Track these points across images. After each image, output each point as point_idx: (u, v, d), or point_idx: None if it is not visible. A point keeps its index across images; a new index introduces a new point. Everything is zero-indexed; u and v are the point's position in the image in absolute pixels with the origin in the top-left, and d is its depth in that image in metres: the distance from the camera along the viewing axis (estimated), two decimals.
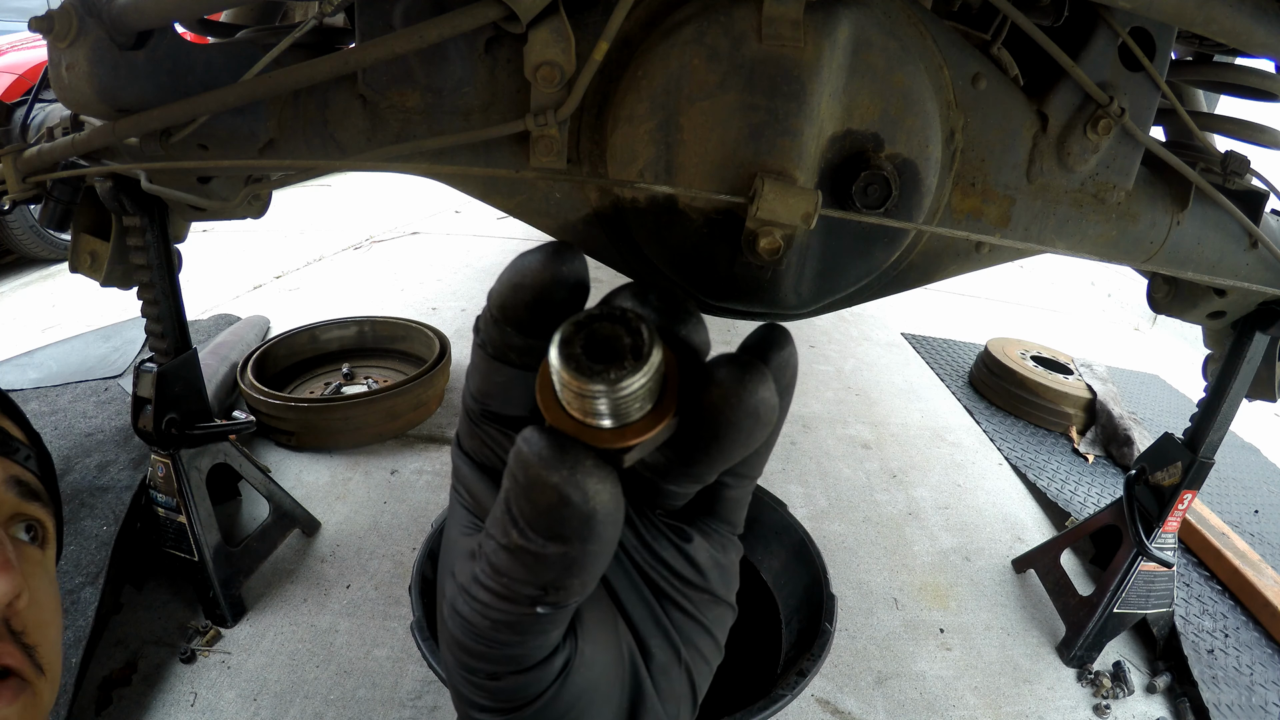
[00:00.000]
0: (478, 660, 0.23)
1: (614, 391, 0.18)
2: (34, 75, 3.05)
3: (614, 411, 0.19)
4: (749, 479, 0.28)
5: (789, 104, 0.74)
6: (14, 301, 2.87)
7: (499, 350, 0.25)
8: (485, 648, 0.22)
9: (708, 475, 0.24)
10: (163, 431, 1.24)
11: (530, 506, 0.19)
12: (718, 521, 0.28)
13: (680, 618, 0.28)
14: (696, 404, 0.21)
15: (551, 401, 0.20)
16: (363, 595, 1.46)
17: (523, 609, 0.21)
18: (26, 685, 0.43)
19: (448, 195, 4.47)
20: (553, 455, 0.19)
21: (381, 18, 0.77)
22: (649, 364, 0.18)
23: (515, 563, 0.20)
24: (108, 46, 0.76)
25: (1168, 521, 1.36)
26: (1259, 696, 1.41)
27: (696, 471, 0.24)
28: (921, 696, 1.35)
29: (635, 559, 0.27)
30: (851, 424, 2.31)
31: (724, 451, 0.22)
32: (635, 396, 0.19)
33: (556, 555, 0.19)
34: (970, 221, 0.89)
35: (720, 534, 0.28)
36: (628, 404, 0.19)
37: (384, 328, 2.29)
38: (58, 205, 1.08)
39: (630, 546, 0.27)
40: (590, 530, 0.19)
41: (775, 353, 0.24)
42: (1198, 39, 1.06)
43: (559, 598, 0.21)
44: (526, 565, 0.20)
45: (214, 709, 1.20)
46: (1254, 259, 1.04)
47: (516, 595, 0.21)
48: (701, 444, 0.22)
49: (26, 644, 0.44)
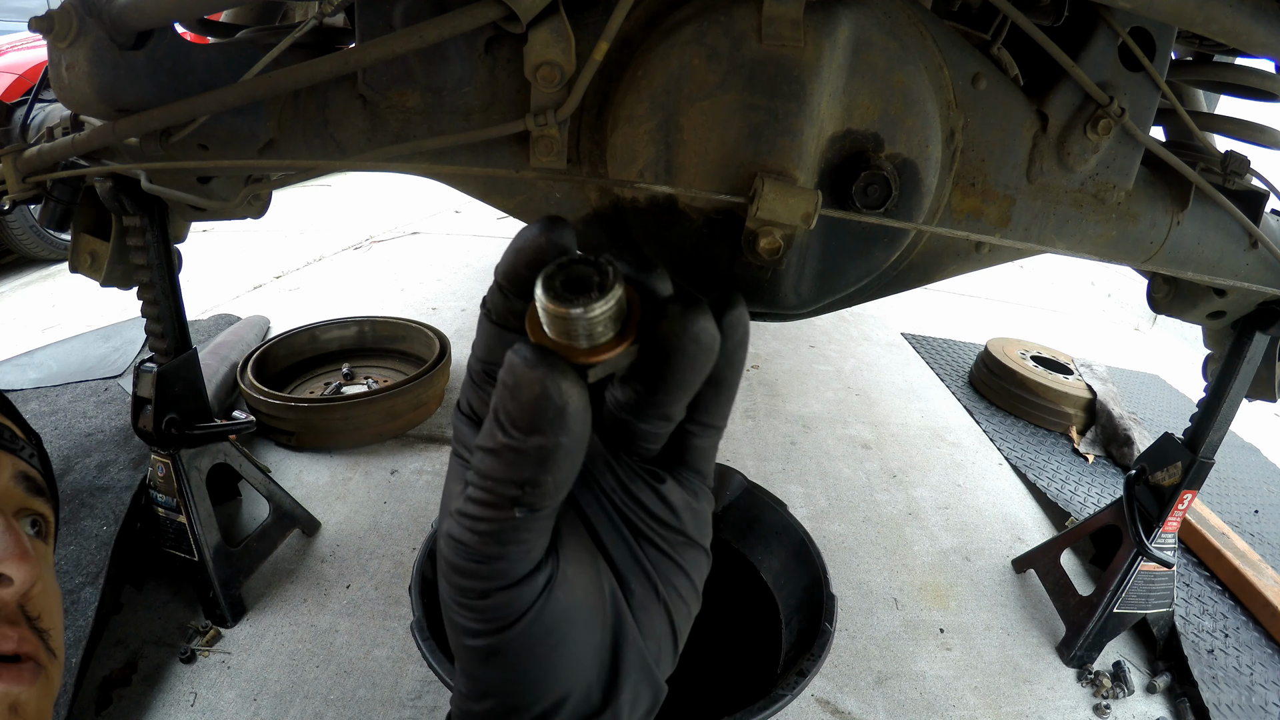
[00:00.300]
0: (468, 578, 0.26)
1: (584, 315, 0.23)
2: (34, 75, 3.05)
3: (585, 333, 0.24)
4: (713, 428, 0.31)
5: (789, 104, 0.74)
6: (14, 301, 2.87)
7: (502, 316, 0.29)
8: (474, 563, 0.25)
9: (669, 404, 0.27)
10: (163, 431, 1.24)
11: (515, 403, 0.23)
12: (689, 470, 0.31)
13: (657, 556, 0.31)
14: (652, 334, 0.25)
15: (537, 328, 0.25)
16: (363, 595, 1.46)
17: (504, 513, 0.24)
18: (41, 669, 0.45)
19: (448, 195, 4.47)
20: (536, 359, 0.23)
21: (381, 18, 0.77)
22: (611, 295, 0.23)
23: (499, 462, 0.24)
24: (108, 46, 0.76)
25: (1168, 521, 1.36)
26: (1259, 696, 1.41)
27: (660, 401, 0.27)
28: (921, 696, 1.35)
29: (614, 500, 0.30)
30: (851, 424, 2.31)
31: (676, 375, 0.26)
32: (600, 321, 0.24)
33: (534, 448, 0.23)
34: (970, 221, 0.89)
35: (692, 482, 0.31)
36: (594, 327, 0.24)
37: (384, 328, 2.29)
38: (58, 205, 1.08)
39: (609, 488, 0.30)
40: (563, 422, 0.23)
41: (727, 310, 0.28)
42: (1198, 39, 1.06)
43: (535, 497, 0.24)
44: (508, 462, 0.24)
45: (214, 709, 1.20)
46: (1254, 259, 1.04)
47: (499, 497, 0.24)
48: (658, 370, 0.26)
49: (40, 629, 0.47)
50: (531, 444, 0.23)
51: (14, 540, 0.45)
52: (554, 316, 0.24)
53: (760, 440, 2.16)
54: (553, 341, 0.24)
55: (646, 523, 0.31)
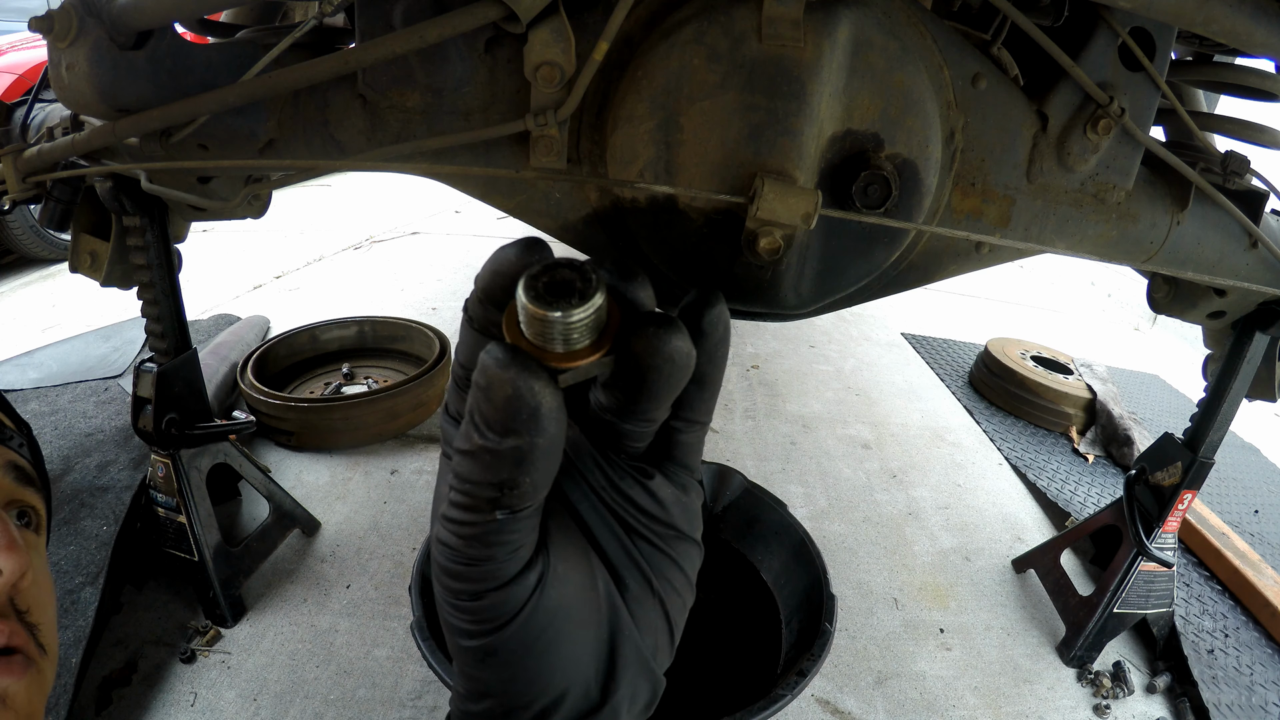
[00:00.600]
0: (459, 581, 0.26)
1: (563, 319, 0.23)
2: (34, 75, 3.05)
3: (562, 338, 0.24)
4: (698, 424, 0.32)
5: (789, 104, 0.74)
6: (14, 301, 2.87)
7: (482, 325, 0.30)
8: (463, 565, 0.26)
9: (650, 411, 0.28)
10: (163, 431, 1.24)
11: (489, 404, 0.23)
12: (676, 465, 0.32)
13: (649, 550, 0.32)
14: (627, 348, 0.26)
15: (514, 327, 0.25)
16: (363, 595, 1.46)
17: (486, 516, 0.25)
18: (32, 663, 0.45)
19: (448, 195, 4.47)
20: (509, 360, 0.23)
21: (381, 18, 0.77)
22: (592, 303, 0.24)
23: (476, 465, 0.24)
24: (108, 46, 0.76)
25: (1168, 521, 1.36)
26: (1259, 696, 1.41)
27: (640, 408, 0.28)
28: (921, 696, 1.35)
29: (604, 498, 0.31)
30: (851, 424, 2.31)
31: (651, 389, 0.27)
32: (578, 328, 0.24)
33: (509, 449, 0.23)
34: (970, 221, 0.89)
35: (679, 476, 0.32)
36: (572, 333, 0.24)
37: (384, 328, 2.29)
38: (58, 205, 1.08)
39: (598, 486, 0.31)
40: (537, 423, 0.23)
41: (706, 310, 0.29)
42: (1198, 39, 1.06)
43: (514, 498, 0.24)
44: (485, 465, 0.24)
45: (214, 709, 1.20)
46: (1254, 259, 1.04)
47: (479, 501, 0.24)
48: (634, 382, 0.27)
49: (30, 623, 0.46)
50: (506, 445, 0.23)
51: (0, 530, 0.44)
52: (532, 317, 0.24)
53: (760, 440, 2.16)
54: (528, 343, 0.24)
55: (637, 518, 0.31)
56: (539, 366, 0.23)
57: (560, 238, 0.91)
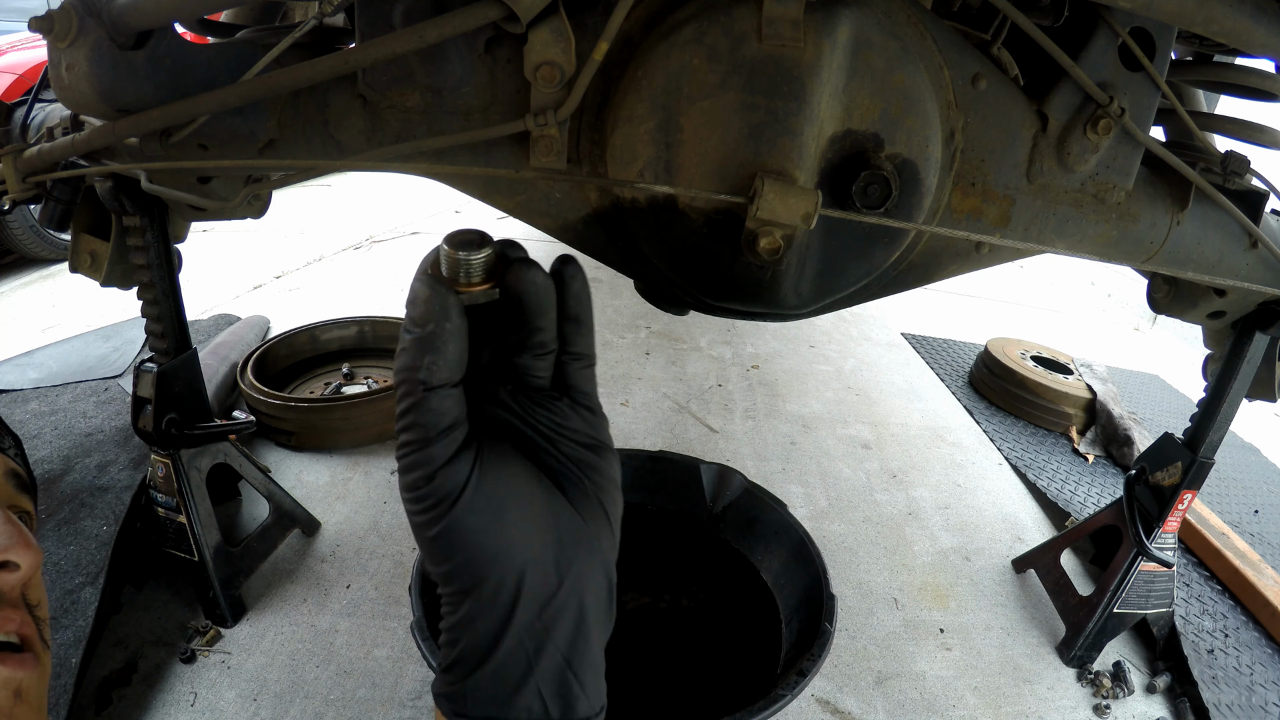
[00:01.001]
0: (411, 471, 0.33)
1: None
2: (34, 75, 3.05)
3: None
4: (585, 357, 0.39)
5: (789, 104, 0.74)
6: (14, 301, 2.87)
7: None
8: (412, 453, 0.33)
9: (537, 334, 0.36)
10: (163, 431, 1.24)
11: (414, 307, 0.33)
12: (578, 393, 0.39)
13: (576, 453, 0.39)
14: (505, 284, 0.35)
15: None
16: (363, 595, 1.46)
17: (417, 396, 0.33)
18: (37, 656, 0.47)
19: (448, 195, 4.47)
20: (430, 281, 0.34)
21: (381, 18, 0.77)
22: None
23: (405, 355, 0.33)
24: (108, 46, 0.76)
25: (1168, 521, 1.36)
26: (1259, 696, 1.41)
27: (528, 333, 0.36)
28: (921, 696, 1.35)
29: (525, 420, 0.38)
30: (851, 424, 2.31)
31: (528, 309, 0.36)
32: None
33: (428, 334, 0.33)
34: (970, 221, 0.89)
35: (583, 400, 0.39)
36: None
37: (384, 328, 2.28)
38: (58, 205, 1.08)
39: (517, 415, 0.38)
40: (446, 313, 0.33)
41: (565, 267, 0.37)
42: (1198, 39, 1.06)
43: (434, 371, 0.33)
44: (411, 353, 0.33)
45: (214, 709, 1.20)
46: (1254, 259, 1.04)
47: (412, 383, 0.33)
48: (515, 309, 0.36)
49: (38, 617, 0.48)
50: (426, 331, 0.33)
51: (16, 530, 0.47)
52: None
53: (760, 440, 2.16)
54: (444, 278, 0.35)
55: (556, 430, 0.38)
56: (448, 286, 0.34)
57: (560, 237, 0.91)
